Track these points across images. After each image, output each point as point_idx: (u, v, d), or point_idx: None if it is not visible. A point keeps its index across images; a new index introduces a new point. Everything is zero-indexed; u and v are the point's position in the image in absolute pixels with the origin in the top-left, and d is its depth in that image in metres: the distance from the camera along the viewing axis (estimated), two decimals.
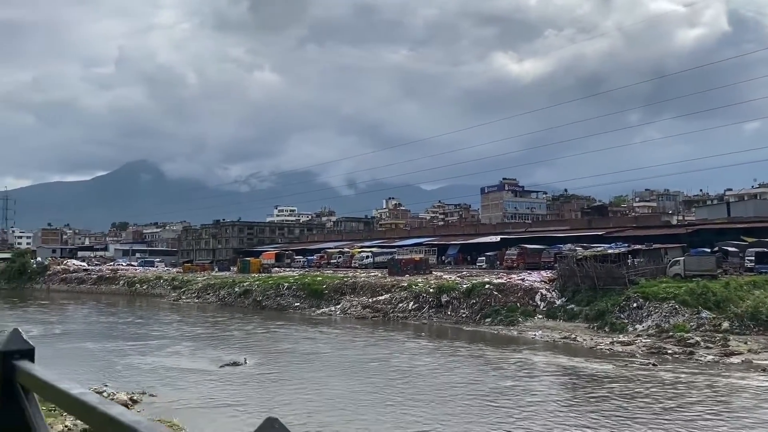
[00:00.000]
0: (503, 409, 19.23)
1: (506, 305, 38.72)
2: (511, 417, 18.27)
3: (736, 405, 19.48)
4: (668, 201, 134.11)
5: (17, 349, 2.41)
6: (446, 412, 18.95)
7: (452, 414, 18.71)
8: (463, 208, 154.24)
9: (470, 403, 20.05)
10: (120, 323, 45.37)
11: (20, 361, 2.38)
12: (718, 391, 21.12)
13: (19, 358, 2.51)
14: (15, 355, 2.39)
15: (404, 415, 18.39)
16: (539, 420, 17.89)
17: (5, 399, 2.50)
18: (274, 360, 27.86)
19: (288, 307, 50.61)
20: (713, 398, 20.22)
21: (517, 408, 19.32)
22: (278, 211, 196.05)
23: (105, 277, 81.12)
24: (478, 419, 18.06)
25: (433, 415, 18.49)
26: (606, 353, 28.53)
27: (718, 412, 18.64)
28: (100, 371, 25.10)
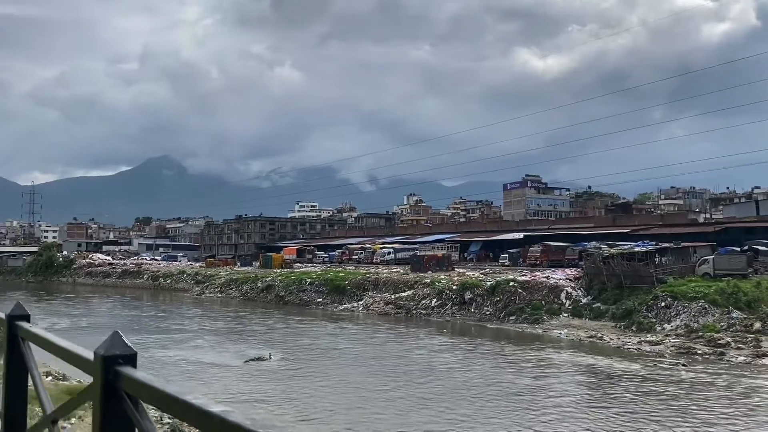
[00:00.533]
0: (526, 408, 18.97)
1: (531, 303, 38.33)
2: (534, 415, 18.01)
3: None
4: (694, 199, 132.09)
5: (120, 353, 2.29)
6: (468, 409, 18.74)
7: (474, 411, 18.50)
8: (485, 205, 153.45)
9: (493, 401, 19.80)
10: (144, 317, 45.76)
11: (123, 367, 2.28)
12: (751, 393, 20.62)
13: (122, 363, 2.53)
14: (118, 361, 2.28)
15: (428, 413, 18.22)
16: (563, 419, 17.61)
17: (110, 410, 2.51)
18: (298, 355, 27.84)
19: (310, 302, 50.67)
20: (745, 401, 19.75)
21: (540, 407, 19.05)
22: (299, 207, 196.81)
23: (129, 271, 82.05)
24: (500, 417, 17.83)
25: (455, 413, 18.30)
26: (633, 353, 28.07)
27: (752, 415, 18.19)
28: None
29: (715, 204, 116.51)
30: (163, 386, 2.21)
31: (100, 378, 2.28)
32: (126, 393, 2.22)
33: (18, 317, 4.02)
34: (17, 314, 4.03)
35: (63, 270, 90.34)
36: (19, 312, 4.03)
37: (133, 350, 2.25)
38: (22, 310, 4.03)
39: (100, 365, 1.98)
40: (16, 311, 4.05)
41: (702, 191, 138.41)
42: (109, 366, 2.13)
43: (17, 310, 4.05)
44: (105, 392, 2.28)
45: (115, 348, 2.28)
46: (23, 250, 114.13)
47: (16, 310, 4.05)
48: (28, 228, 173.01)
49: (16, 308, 4.06)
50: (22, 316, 4.01)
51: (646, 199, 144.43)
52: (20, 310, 4.04)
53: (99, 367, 2.13)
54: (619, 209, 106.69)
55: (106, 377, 2.26)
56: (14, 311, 4.06)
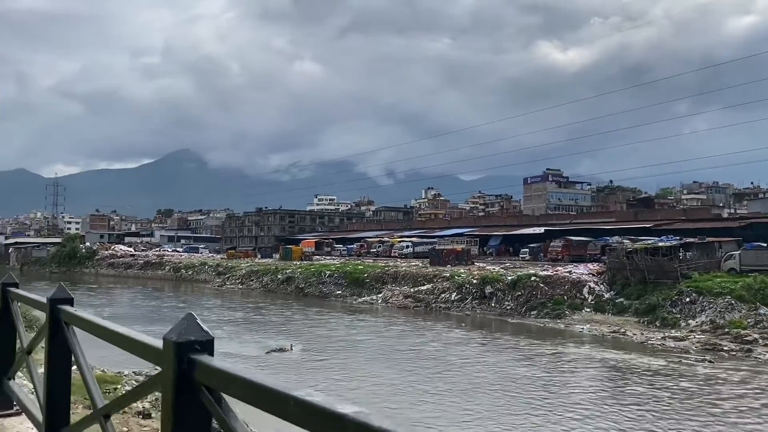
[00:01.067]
0: (549, 403, 18.80)
1: (553, 298, 38.00)
2: (558, 411, 17.85)
3: None
4: (717, 194, 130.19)
5: (195, 339, 1.99)
6: (487, 404, 18.64)
7: (494, 405, 18.39)
8: (504, 199, 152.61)
9: (514, 396, 19.66)
10: (166, 307, 46.17)
11: (199, 355, 1.99)
12: None
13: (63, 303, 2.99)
14: (194, 348, 1.99)
15: (452, 407, 18.15)
16: (588, 415, 17.43)
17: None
18: (319, 347, 27.90)
19: (330, 294, 50.79)
20: None
21: (563, 402, 18.86)
22: (318, 200, 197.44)
23: (151, 262, 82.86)
24: (522, 413, 17.69)
25: (474, 406, 18.20)
26: (657, 348, 27.72)
27: None
28: None
29: (738, 199, 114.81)
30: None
31: (172, 367, 1.99)
32: (203, 385, 1.92)
33: (61, 300, 3.80)
34: (60, 297, 3.82)
35: (86, 261, 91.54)
36: (62, 295, 3.83)
37: (210, 335, 1.97)
38: (65, 293, 3.86)
39: (173, 353, 1.77)
40: (59, 294, 3.85)
41: (725, 186, 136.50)
42: (182, 354, 1.87)
43: (60, 293, 3.86)
44: (178, 384, 1.97)
45: (190, 333, 1.97)
46: (47, 241, 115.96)
47: (59, 293, 3.86)
48: (51, 219, 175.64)
49: (58, 291, 3.91)
50: (65, 299, 3.81)
51: (668, 194, 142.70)
52: (63, 293, 3.88)
53: (171, 355, 1.89)
54: (640, 204, 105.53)
55: (179, 366, 1.96)
56: (56, 294, 3.88)
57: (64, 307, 3.66)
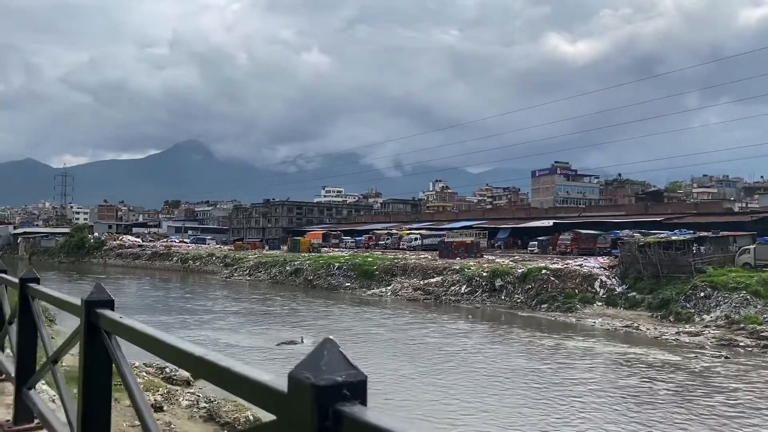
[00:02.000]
0: (562, 398, 18.55)
1: (564, 291, 37.66)
2: (572, 407, 17.58)
3: None
4: (728, 188, 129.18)
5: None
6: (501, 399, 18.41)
7: (508, 400, 18.15)
8: (512, 192, 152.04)
9: (528, 390, 19.41)
10: (174, 297, 46.12)
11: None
12: None
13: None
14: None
15: (462, 402, 17.92)
16: (602, 411, 17.16)
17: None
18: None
19: (339, 287, 50.61)
20: None
21: (575, 397, 18.60)
22: (325, 192, 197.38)
23: (159, 253, 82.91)
24: (536, 407, 17.44)
25: (487, 401, 17.97)
26: (672, 343, 27.36)
27: None
28: None
29: (749, 193, 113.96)
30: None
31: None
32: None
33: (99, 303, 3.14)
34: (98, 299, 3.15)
35: (94, 251, 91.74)
36: (101, 296, 3.17)
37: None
38: (104, 293, 3.19)
39: (310, 400, 1.31)
40: (97, 295, 3.17)
41: (736, 180, 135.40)
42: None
43: (98, 293, 3.18)
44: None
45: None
46: (56, 231, 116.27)
47: (97, 293, 3.18)
48: (60, 210, 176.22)
49: (96, 291, 3.19)
50: (104, 301, 3.15)
51: (677, 188, 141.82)
52: (101, 294, 3.18)
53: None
54: (649, 197, 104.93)
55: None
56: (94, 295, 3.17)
57: (104, 311, 3.05)
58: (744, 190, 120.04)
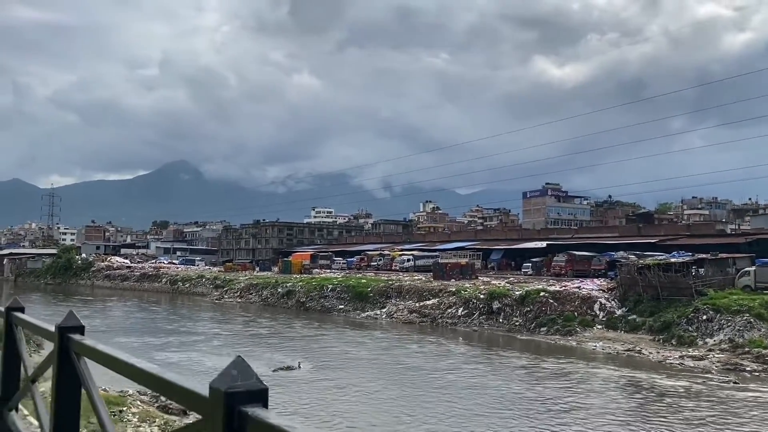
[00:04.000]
0: (567, 424, 17.90)
1: (563, 314, 37.08)
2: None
3: None
4: (718, 210, 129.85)
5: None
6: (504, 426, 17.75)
7: (516, 427, 17.48)
8: (503, 213, 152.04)
9: (533, 418, 18.75)
10: (164, 321, 45.11)
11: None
12: None
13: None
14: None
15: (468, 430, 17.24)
16: None
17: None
18: (327, 365, 26.88)
19: (332, 309, 49.75)
20: None
21: (580, 425, 17.97)
22: (315, 213, 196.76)
23: (148, 274, 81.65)
24: None
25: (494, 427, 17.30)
26: (677, 368, 26.82)
27: None
28: None
29: (738, 215, 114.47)
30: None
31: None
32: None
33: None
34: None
35: (81, 273, 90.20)
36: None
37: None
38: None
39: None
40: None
41: (725, 202, 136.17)
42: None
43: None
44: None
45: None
46: (42, 252, 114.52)
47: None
48: (47, 230, 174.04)
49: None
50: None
51: (666, 210, 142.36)
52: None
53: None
54: (640, 219, 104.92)
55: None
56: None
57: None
58: (733, 212, 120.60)
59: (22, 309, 5.17)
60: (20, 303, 5.25)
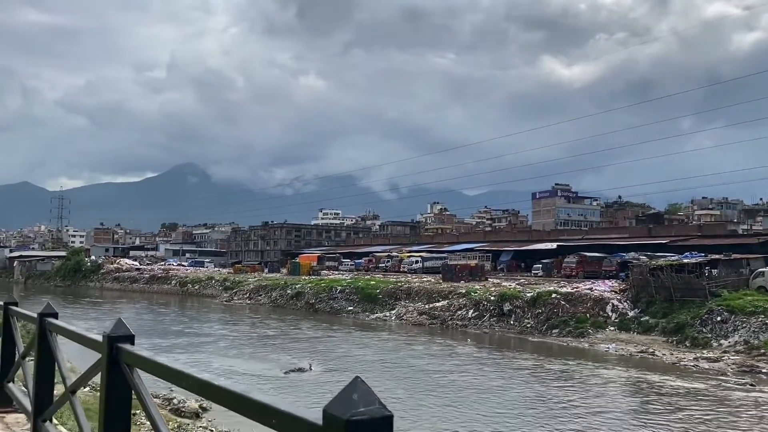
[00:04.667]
0: (583, 427, 17.67)
1: (575, 316, 36.77)
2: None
3: None
4: (729, 210, 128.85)
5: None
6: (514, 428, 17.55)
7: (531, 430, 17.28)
8: (512, 214, 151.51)
9: (545, 421, 18.51)
10: (173, 322, 45.08)
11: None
12: None
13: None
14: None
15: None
16: None
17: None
18: (338, 367, 26.73)
19: (341, 310, 49.62)
20: None
21: (596, 427, 17.72)
22: (323, 214, 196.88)
23: (157, 276, 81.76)
24: None
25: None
26: (691, 370, 26.49)
27: None
28: None
29: (750, 215, 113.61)
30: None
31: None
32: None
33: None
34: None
35: (91, 275, 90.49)
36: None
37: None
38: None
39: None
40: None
41: (736, 202, 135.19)
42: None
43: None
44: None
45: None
46: (51, 255, 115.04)
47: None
48: (56, 233, 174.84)
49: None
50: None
51: (676, 210, 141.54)
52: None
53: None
54: (650, 220, 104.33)
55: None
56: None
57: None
58: (744, 212, 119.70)
59: (55, 315, 5.05)
60: (53, 308, 5.12)
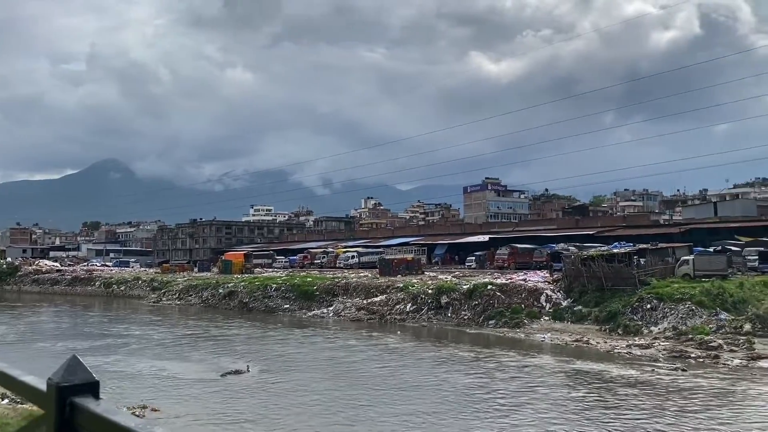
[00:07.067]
0: (520, 418, 17.71)
1: (510, 306, 37.27)
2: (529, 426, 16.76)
3: None
4: (650, 201, 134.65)
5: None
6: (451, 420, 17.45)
7: (459, 422, 17.17)
8: (445, 208, 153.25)
9: (482, 411, 18.46)
10: (96, 325, 43.05)
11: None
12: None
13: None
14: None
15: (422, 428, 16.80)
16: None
17: None
18: (276, 367, 25.95)
19: (277, 309, 48.59)
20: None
21: (533, 418, 17.81)
22: (254, 211, 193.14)
23: (80, 277, 78.00)
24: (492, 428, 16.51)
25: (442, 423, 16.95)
26: (625, 357, 27.20)
27: None
28: None
29: (669, 206, 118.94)
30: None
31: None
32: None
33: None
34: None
35: (7, 278, 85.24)
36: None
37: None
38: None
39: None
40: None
41: (656, 193, 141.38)
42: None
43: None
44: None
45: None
46: None
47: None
48: None
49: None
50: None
51: (600, 202, 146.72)
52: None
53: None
54: (576, 211, 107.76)
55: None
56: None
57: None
58: (664, 203, 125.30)
59: None
60: None
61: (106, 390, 21.40)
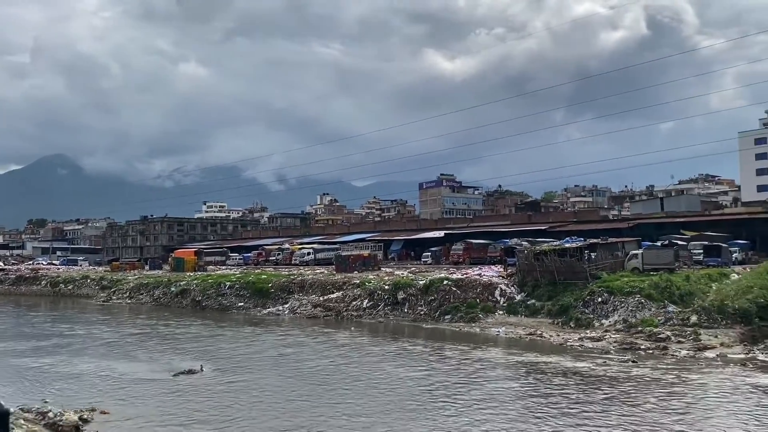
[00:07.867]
0: (473, 410, 17.85)
1: (466, 301, 37.57)
2: (484, 420, 16.92)
3: None
4: (599, 197, 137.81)
5: None
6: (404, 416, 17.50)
7: (407, 415, 17.22)
8: (400, 204, 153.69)
9: (431, 407, 18.52)
10: (41, 325, 41.66)
11: None
12: (721, 392, 20.49)
13: None
14: None
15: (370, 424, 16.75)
16: (512, 423, 16.62)
17: None
18: (230, 366, 25.49)
19: (231, 307, 47.90)
20: (719, 397, 19.56)
21: (486, 411, 17.99)
22: (207, 207, 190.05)
23: (25, 277, 75.58)
24: (443, 424, 16.60)
25: (388, 419, 16.97)
26: (577, 349, 27.72)
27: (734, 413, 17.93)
28: (31, 385, 22.09)
29: (617, 201, 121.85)
30: None
31: None
32: None
33: None
34: None
35: None
36: None
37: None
38: None
39: None
40: None
41: (605, 189, 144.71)
42: None
43: None
44: None
45: None
46: None
47: None
48: None
49: None
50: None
51: (551, 198, 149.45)
52: None
53: None
54: (528, 207, 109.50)
55: None
56: None
57: None
58: (612, 199, 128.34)
59: None
60: None
61: (51, 392, 20.62)
